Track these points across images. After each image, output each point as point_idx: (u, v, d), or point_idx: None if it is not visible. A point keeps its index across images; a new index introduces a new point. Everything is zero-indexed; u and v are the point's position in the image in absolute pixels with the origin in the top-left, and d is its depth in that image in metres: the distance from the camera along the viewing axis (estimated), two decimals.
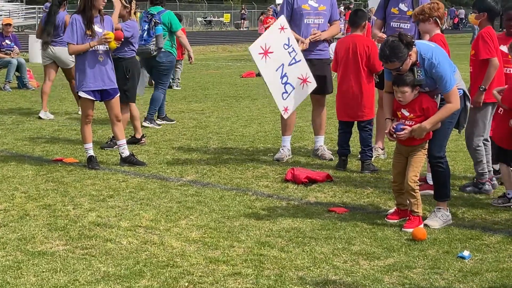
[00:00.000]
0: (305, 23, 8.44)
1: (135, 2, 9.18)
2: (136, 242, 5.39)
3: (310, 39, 8.33)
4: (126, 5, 9.07)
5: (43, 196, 6.72)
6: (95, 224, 5.83)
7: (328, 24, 8.57)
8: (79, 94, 7.97)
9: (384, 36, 7.86)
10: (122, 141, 8.11)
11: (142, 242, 5.40)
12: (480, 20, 6.91)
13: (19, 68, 16.09)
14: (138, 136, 9.37)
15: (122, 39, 8.26)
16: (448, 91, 5.68)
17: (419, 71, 5.64)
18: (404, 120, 5.78)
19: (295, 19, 8.47)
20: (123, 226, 5.79)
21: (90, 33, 7.70)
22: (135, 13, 9.20)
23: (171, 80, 14.39)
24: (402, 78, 5.66)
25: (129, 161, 8.06)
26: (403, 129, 5.69)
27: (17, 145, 9.28)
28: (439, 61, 5.65)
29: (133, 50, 9.17)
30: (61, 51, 11.37)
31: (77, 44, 7.72)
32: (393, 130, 5.76)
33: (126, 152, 8.08)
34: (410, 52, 5.56)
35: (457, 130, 6.34)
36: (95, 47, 7.74)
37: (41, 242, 5.38)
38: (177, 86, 16.68)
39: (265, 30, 25.36)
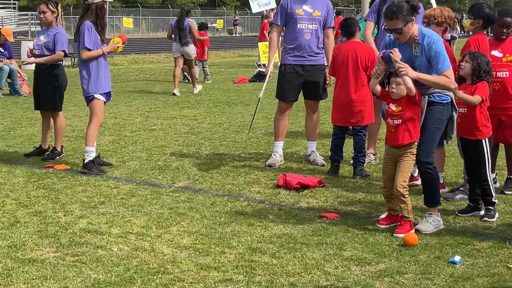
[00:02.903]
0: (298, 28, 8.38)
1: (59, 5, 8.96)
2: (127, 249, 5.37)
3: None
4: (54, 10, 8.85)
5: (34, 203, 6.69)
6: (86, 231, 5.81)
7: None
8: (95, 96, 8.09)
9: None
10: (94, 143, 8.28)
11: (133, 248, 5.39)
12: (474, 26, 6.93)
13: (10, 74, 16.07)
14: (45, 146, 9.07)
15: (126, 41, 8.48)
16: (445, 70, 5.71)
17: (417, 47, 5.75)
18: (392, 118, 5.80)
19: (289, 24, 8.44)
20: (114, 232, 5.78)
21: (103, 38, 8.12)
22: (56, 18, 8.87)
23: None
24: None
25: (98, 163, 8.17)
26: (390, 56, 5.67)
27: (8, 152, 9.25)
28: (438, 39, 5.78)
29: (63, 58, 8.98)
30: (187, 50, 16.60)
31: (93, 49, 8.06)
32: (382, 57, 5.76)
33: (93, 155, 8.13)
34: (413, 17, 5.68)
35: (445, 141, 6.34)
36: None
37: (32, 249, 5.36)
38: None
39: (265, 37, 25.55)
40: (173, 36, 16.85)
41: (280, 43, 10.03)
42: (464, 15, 34.68)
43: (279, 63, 8.78)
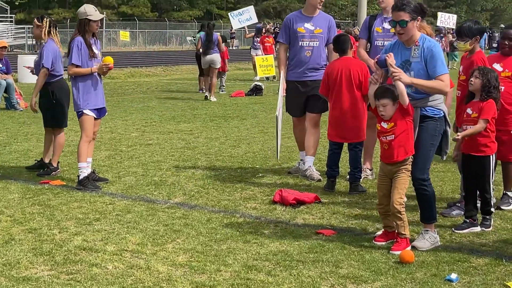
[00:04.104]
0: (299, 46, 8.64)
1: (47, 20, 8.94)
2: (122, 267, 5.34)
3: None
4: (39, 23, 8.91)
5: (29, 220, 6.66)
6: (81, 249, 5.78)
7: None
8: (84, 112, 8.08)
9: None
10: (89, 159, 8.25)
11: (128, 266, 5.36)
12: (473, 44, 6.96)
13: (7, 89, 16.05)
14: (47, 160, 9.06)
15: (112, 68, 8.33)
16: (441, 73, 5.76)
17: (416, 49, 5.83)
18: (384, 135, 5.80)
19: (292, 42, 8.73)
20: (109, 250, 5.75)
21: (92, 54, 8.09)
22: (49, 32, 8.85)
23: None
24: (383, 91, 5.71)
25: (93, 178, 8.17)
26: (385, 60, 5.72)
27: (3, 167, 9.22)
28: (439, 45, 5.89)
29: (57, 73, 8.92)
30: (214, 57, 19.06)
31: (82, 65, 8.06)
32: (377, 62, 5.81)
33: (87, 171, 8.12)
34: (419, 17, 5.80)
35: (440, 156, 6.34)
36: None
37: (26, 267, 5.33)
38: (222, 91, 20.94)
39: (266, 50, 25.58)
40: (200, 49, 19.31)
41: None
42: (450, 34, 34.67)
43: (280, 79, 8.95)
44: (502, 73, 6.96)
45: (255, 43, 26.32)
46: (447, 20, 29.72)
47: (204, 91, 20.09)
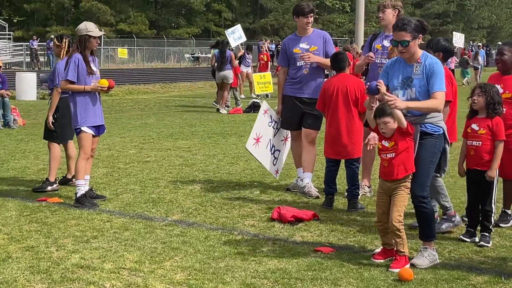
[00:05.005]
0: (297, 65, 8.85)
1: (66, 40, 9.08)
2: (119, 285, 5.31)
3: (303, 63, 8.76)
4: (58, 43, 9.12)
5: (26, 238, 6.63)
6: (78, 266, 5.75)
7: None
8: (82, 129, 8.08)
9: (372, 54, 8.33)
10: (87, 177, 8.23)
11: (126, 285, 5.33)
12: None
13: (3, 107, 16.01)
14: (70, 176, 9.21)
15: (113, 87, 8.38)
16: (439, 90, 5.79)
17: (418, 66, 5.86)
18: (385, 153, 5.80)
19: (291, 63, 8.93)
20: (106, 268, 5.72)
21: (90, 71, 8.12)
22: (67, 51, 8.92)
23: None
24: (383, 109, 5.72)
25: (90, 196, 8.16)
26: (378, 88, 5.70)
27: (1, 185, 9.20)
28: (440, 63, 5.94)
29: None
30: (227, 74, 20.28)
31: (79, 81, 8.08)
32: (367, 90, 5.80)
33: (85, 188, 8.11)
34: (420, 36, 5.84)
35: (439, 175, 6.35)
36: (94, 83, 8.14)
37: (23, 285, 5.29)
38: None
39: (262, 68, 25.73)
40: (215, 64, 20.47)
41: None
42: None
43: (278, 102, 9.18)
44: (503, 95, 6.94)
45: (247, 60, 26.41)
46: (458, 40, 31.16)
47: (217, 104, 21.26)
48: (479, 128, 6.46)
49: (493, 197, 6.55)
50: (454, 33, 33.54)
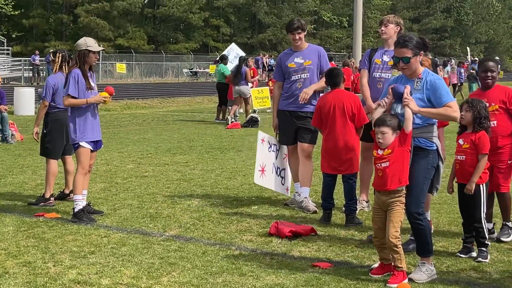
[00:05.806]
0: (292, 79, 8.93)
1: (60, 55, 9.13)
2: None
3: (303, 101, 8.70)
4: (53, 58, 9.28)
5: (23, 253, 6.61)
6: (75, 282, 5.73)
7: (320, 76, 8.92)
8: (80, 144, 8.09)
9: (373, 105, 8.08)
10: (84, 192, 8.23)
11: None
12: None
13: (1, 122, 16.01)
14: (67, 191, 9.24)
15: (113, 93, 8.46)
16: (450, 101, 5.80)
17: (419, 82, 5.88)
18: (379, 162, 5.80)
19: (286, 77, 9.02)
20: (103, 283, 5.70)
21: (89, 86, 8.14)
22: (60, 66, 9.07)
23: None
24: (384, 119, 5.74)
25: (88, 211, 8.14)
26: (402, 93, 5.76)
27: None
28: (441, 79, 5.93)
29: (58, 105, 8.98)
30: (242, 89, 21.32)
31: (78, 97, 8.09)
32: (392, 90, 5.84)
33: (83, 203, 8.10)
34: (421, 52, 5.86)
35: (431, 193, 6.35)
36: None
37: None
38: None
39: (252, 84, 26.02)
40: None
41: None
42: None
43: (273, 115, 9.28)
44: (489, 108, 6.91)
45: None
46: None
47: (220, 120, 22.10)
48: (464, 143, 6.52)
49: (482, 213, 6.53)
50: (468, 48, 34.68)
